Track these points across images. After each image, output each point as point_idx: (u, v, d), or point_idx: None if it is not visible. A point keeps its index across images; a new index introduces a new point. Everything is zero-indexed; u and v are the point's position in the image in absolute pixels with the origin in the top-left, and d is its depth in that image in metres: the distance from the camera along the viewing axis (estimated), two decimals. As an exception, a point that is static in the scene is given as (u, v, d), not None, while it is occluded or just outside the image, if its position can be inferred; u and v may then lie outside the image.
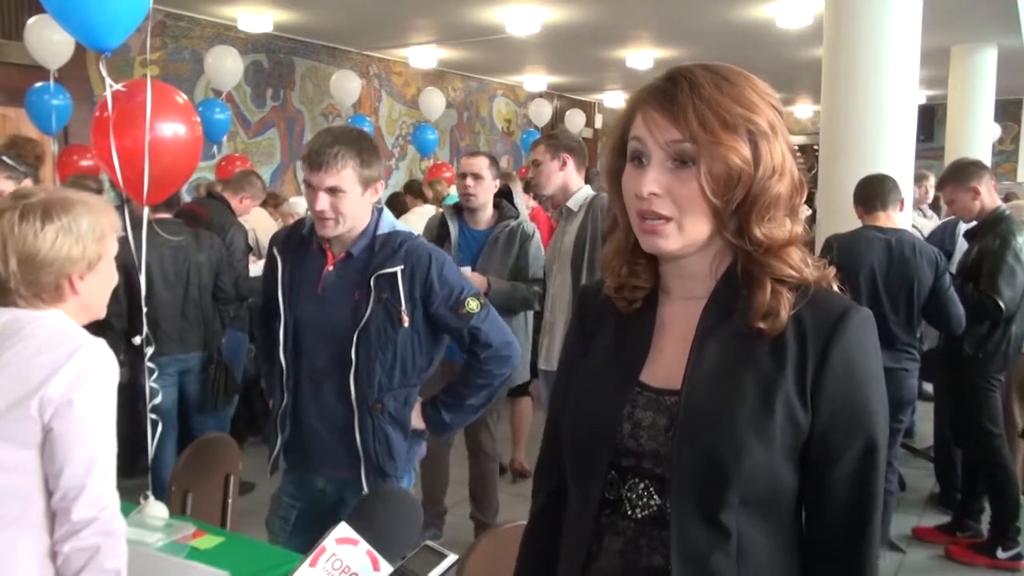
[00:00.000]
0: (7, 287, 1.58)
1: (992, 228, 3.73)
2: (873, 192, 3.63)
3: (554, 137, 3.62)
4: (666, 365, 1.10)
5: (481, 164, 3.67)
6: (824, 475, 1.05)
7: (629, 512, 1.09)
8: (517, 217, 3.79)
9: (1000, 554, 3.78)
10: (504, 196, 3.85)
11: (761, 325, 1.03)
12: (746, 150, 1.01)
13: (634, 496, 1.09)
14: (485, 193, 3.69)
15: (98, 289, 1.69)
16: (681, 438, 1.04)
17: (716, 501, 1.02)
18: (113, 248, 1.70)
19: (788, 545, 1.08)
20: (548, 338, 3.54)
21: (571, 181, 3.53)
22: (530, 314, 3.97)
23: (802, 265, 1.05)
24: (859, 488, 1.05)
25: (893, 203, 3.61)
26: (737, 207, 1.03)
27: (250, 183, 4.99)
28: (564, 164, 3.49)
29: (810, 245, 1.78)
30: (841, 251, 3.47)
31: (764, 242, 1.03)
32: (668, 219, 1.03)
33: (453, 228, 3.74)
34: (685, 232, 1.04)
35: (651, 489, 1.07)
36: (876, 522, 1.06)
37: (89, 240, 1.62)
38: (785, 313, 1.03)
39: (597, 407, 1.13)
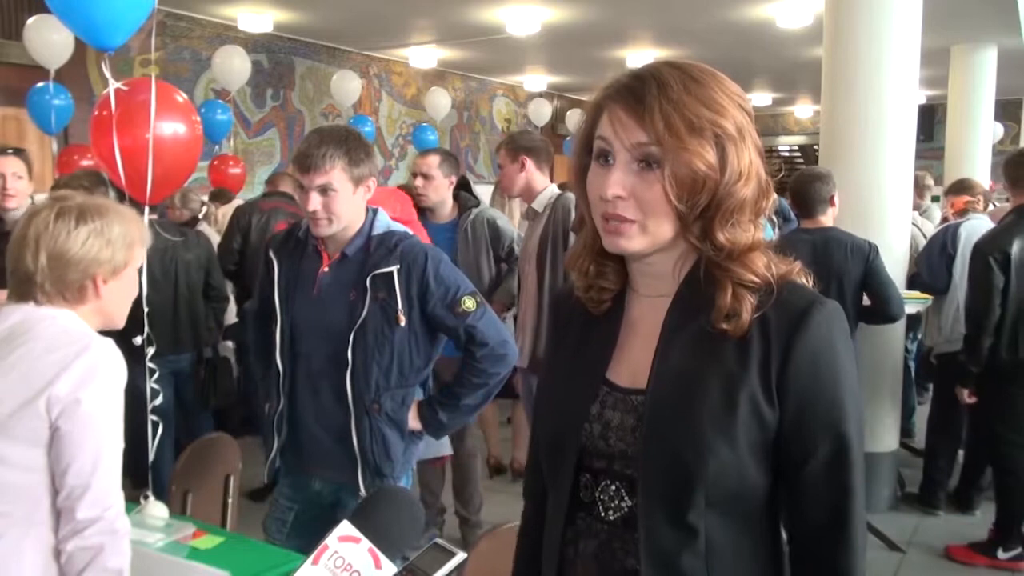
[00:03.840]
0: (33, 281, 1.61)
1: None
2: (804, 196, 3.68)
3: (512, 140, 3.65)
4: (633, 364, 1.09)
5: (431, 164, 3.71)
6: (797, 473, 1.03)
7: (602, 514, 1.08)
8: (478, 205, 3.83)
9: (1001, 554, 3.78)
10: (462, 187, 3.89)
11: (724, 326, 1.02)
12: (712, 155, 0.99)
13: (606, 498, 1.08)
14: (436, 192, 3.72)
15: (119, 296, 1.71)
16: (647, 438, 1.03)
17: (683, 501, 1.01)
18: (140, 259, 1.74)
19: (760, 545, 1.06)
20: (521, 336, 3.57)
21: (534, 181, 3.55)
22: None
23: (765, 270, 1.03)
24: (834, 485, 1.03)
25: (822, 204, 3.65)
26: (701, 212, 1.01)
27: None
28: (523, 166, 3.52)
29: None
30: None
31: (727, 247, 1.02)
32: (632, 221, 1.02)
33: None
34: (648, 233, 1.02)
35: (622, 491, 1.07)
36: (856, 520, 1.03)
37: (119, 245, 1.66)
38: (747, 316, 1.01)
39: (563, 406, 1.13)
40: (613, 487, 1.07)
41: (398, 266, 2.22)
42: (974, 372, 3.77)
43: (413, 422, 2.33)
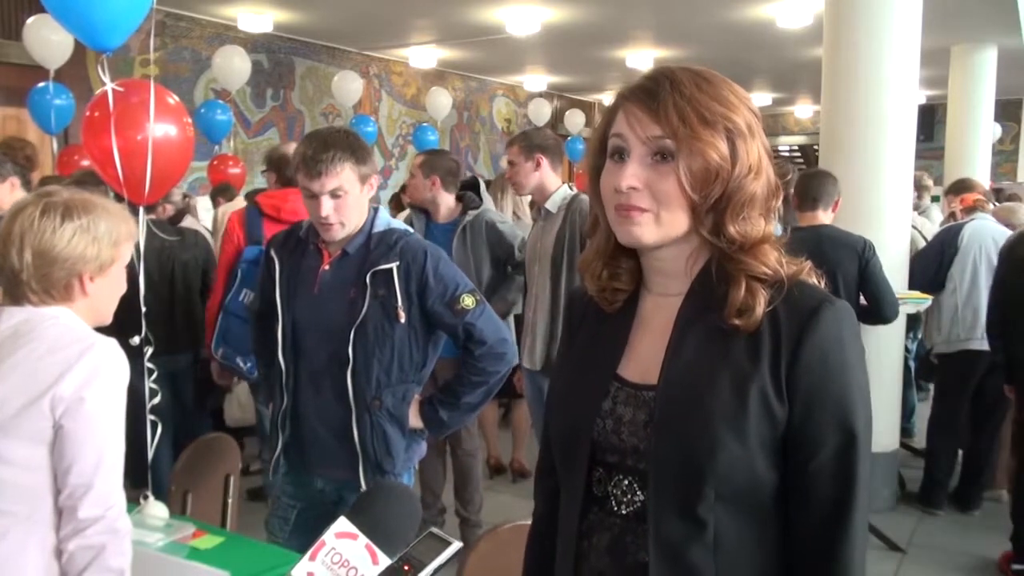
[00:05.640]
0: (19, 279, 1.61)
1: None
2: (813, 188, 3.68)
3: (527, 137, 3.61)
4: (644, 360, 1.11)
5: (414, 164, 3.83)
6: (803, 469, 1.05)
7: (615, 508, 1.10)
8: (479, 207, 3.83)
9: (1015, 566, 3.72)
10: (470, 188, 3.90)
11: (737, 321, 1.04)
12: (724, 147, 1.03)
13: (619, 492, 1.10)
14: (416, 191, 3.81)
15: (106, 293, 1.71)
16: (657, 433, 1.05)
17: (692, 495, 1.03)
18: (127, 256, 1.73)
19: (770, 542, 1.07)
20: (530, 338, 3.54)
21: (547, 181, 3.53)
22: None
23: (777, 264, 1.06)
24: (839, 482, 1.04)
25: (827, 201, 3.65)
26: (713, 204, 1.04)
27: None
28: (538, 164, 3.49)
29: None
30: None
31: (738, 240, 1.05)
32: (645, 211, 1.05)
33: (418, 224, 3.80)
34: (662, 224, 1.05)
35: (635, 485, 1.09)
36: (857, 518, 1.05)
37: (105, 243, 1.65)
38: (760, 309, 1.04)
39: (575, 401, 1.16)
40: (626, 482, 1.09)
41: (397, 263, 2.23)
42: (1000, 364, 3.86)
43: (414, 420, 2.33)
